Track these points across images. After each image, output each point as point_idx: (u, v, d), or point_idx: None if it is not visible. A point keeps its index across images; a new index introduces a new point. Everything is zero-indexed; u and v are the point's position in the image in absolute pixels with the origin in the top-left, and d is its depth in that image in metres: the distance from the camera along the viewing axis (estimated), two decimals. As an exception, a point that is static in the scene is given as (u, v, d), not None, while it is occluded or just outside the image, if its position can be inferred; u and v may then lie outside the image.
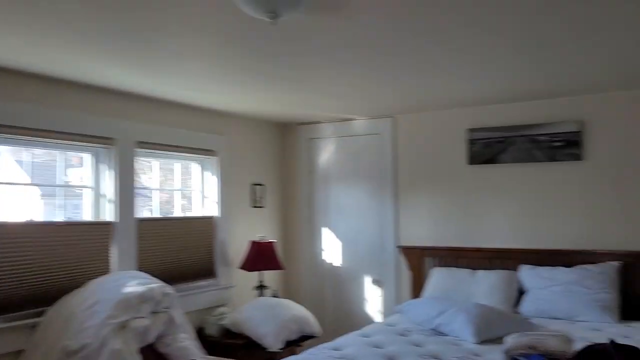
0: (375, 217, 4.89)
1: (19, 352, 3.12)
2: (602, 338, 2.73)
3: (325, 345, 3.29)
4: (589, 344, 1.97)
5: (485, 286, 4.01)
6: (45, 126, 3.32)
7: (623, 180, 3.86)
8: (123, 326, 3.10)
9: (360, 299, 4.95)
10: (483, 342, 3.18)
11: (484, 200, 4.42)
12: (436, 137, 4.64)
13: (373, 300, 4.89)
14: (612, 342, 1.93)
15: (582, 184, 4.05)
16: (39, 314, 3.22)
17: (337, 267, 5.07)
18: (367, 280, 4.92)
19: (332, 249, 5.11)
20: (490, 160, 4.34)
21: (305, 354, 3.10)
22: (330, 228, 5.12)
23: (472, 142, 4.42)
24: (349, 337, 3.46)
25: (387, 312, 4.71)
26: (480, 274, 4.15)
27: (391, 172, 4.80)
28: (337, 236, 5.08)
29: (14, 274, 3.14)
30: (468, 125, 4.46)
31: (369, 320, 4.75)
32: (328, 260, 5.12)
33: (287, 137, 5.37)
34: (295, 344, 4.18)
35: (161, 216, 4.32)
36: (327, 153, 5.17)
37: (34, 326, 3.17)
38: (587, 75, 3.49)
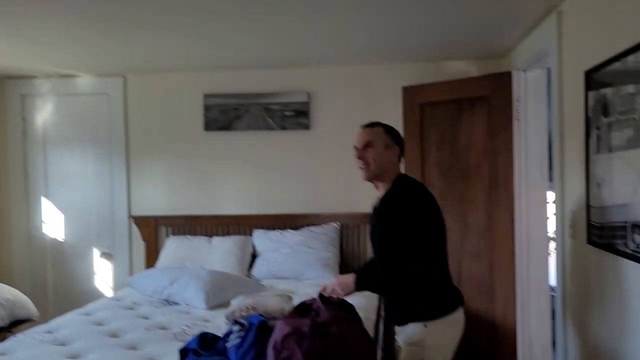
0: (105, 185, 4.49)
1: None
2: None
3: (38, 328, 2.90)
4: (303, 300, 2.07)
5: (220, 252, 4.03)
6: None
7: (343, 149, 4.23)
8: None
9: (88, 275, 4.53)
10: (214, 307, 3.18)
11: (219, 167, 4.42)
12: (172, 101, 4.44)
13: (103, 275, 4.52)
14: (321, 295, 2.06)
15: (309, 152, 4.34)
16: None
17: (60, 241, 4.54)
18: (96, 254, 4.52)
19: (54, 221, 4.54)
20: (226, 127, 4.34)
21: (10, 340, 2.68)
22: (51, 198, 4.54)
23: (207, 107, 4.35)
24: (67, 316, 3.11)
25: (119, 286, 4.41)
26: (216, 240, 4.15)
27: (122, 136, 4.45)
28: (60, 207, 4.53)
29: None
30: (204, 91, 4.36)
31: (98, 297, 4.38)
32: (49, 234, 4.54)
33: (-6, 93, 4.55)
34: (5, 330, 3.61)
35: None
36: (45, 113, 4.53)
37: None
38: (314, 48, 3.71)
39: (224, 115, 4.33)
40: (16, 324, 3.71)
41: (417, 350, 2.10)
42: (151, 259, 4.35)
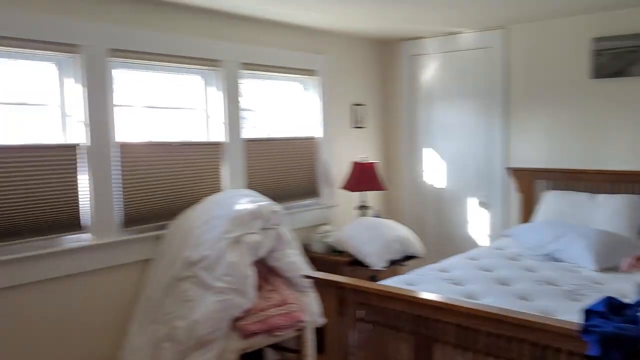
0: (483, 137, 4.66)
1: (147, 261, 3.39)
2: None
3: (432, 266, 3.27)
4: None
5: (606, 211, 3.74)
6: (162, 50, 3.40)
7: None
8: (237, 240, 3.25)
9: (464, 222, 4.84)
10: (604, 270, 3.01)
11: (608, 118, 4.04)
12: (554, 50, 4.24)
13: (478, 224, 4.77)
14: None
15: None
16: (162, 227, 3.45)
17: (441, 188, 4.96)
18: (472, 203, 4.78)
19: (435, 170, 4.99)
20: (619, 72, 3.92)
21: (413, 273, 3.11)
22: (433, 149, 4.97)
23: (597, 53, 3.99)
24: (455, 259, 3.42)
25: (494, 236, 4.59)
26: (601, 198, 3.86)
27: (501, 89, 4.50)
28: (441, 157, 4.93)
29: (141, 190, 3.36)
30: (593, 34, 4.01)
31: (473, 244, 4.66)
32: (430, 182, 5.01)
33: (388, 55, 5.17)
34: (398, 263, 4.21)
35: (266, 137, 4.38)
36: (431, 70, 4.93)
37: (158, 238, 3.42)
38: None
39: (617, 59, 3.91)
40: (406, 259, 4.28)
41: None
42: (527, 212, 4.36)
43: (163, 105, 3.83)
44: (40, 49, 2.92)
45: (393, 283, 2.82)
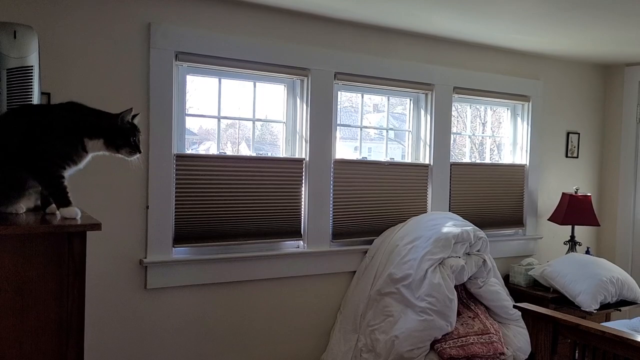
0: None
1: (352, 273, 3.57)
2: None
3: (662, 314, 2.92)
4: None
5: None
6: (378, 74, 3.60)
7: None
8: (441, 263, 3.26)
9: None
10: None
11: None
12: None
13: None
14: None
15: None
16: (368, 242, 3.61)
17: (667, 230, 4.40)
18: None
19: (660, 209, 4.44)
20: None
21: (638, 319, 2.81)
22: (660, 185, 4.44)
23: None
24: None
25: None
26: None
27: None
28: (670, 195, 4.38)
29: (350, 205, 3.57)
30: None
31: None
32: (655, 222, 4.48)
33: (610, 80, 4.77)
34: (611, 307, 3.83)
35: (473, 161, 4.34)
36: (664, 97, 4.43)
37: (364, 252, 3.58)
38: None
39: None
40: (621, 304, 3.86)
41: None
42: None
43: (374, 125, 4.03)
44: (275, 72, 3.28)
45: (616, 327, 2.58)
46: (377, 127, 4.07)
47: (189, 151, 3.20)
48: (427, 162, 3.89)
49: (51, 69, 2.59)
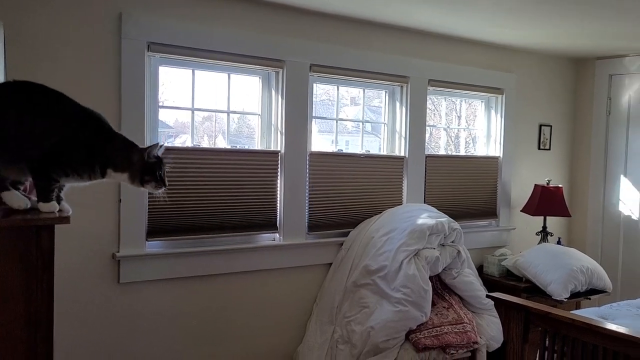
0: (693, 166, 4.15)
1: (328, 265, 3.58)
2: None
3: (629, 302, 3.01)
4: None
5: None
6: (354, 66, 3.60)
7: None
8: (416, 254, 3.29)
9: (662, 259, 4.34)
10: None
11: None
12: None
13: (680, 262, 4.25)
14: None
15: None
16: (344, 234, 3.63)
17: (634, 219, 4.51)
18: (674, 239, 4.27)
19: (629, 199, 4.54)
20: None
21: (607, 307, 2.88)
22: (628, 176, 4.54)
23: None
24: (657, 298, 3.09)
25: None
26: None
27: None
28: (636, 185, 4.49)
29: (325, 198, 3.57)
30: None
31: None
32: (624, 212, 4.58)
33: (581, 74, 4.85)
34: (581, 296, 3.92)
35: (448, 154, 4.38)
36: (631, 91, 4.52)
37: (340, 244, 3.60)
38: None
39: None
40: (590, 293, 3.95)
41: None
42: None
43: (349, 118, 4.04)
44: (249, 64, 3.26)
45: (585, 315, 2.64)
46: (352, 120, 4.08)
47: (166, 144, 3.16)
48: (402, 154, 3.91)
49: (20, 59, 2.53)
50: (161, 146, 1.54)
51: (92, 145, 1.45)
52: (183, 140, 3.37)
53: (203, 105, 3.32)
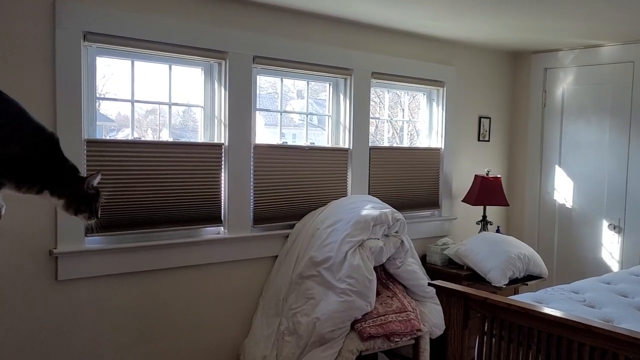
0: (619, 157, 4.38)
1: (274, 257, 3.58)
2: None
3: (563, 286, 3.14)
4: None
5: None
6: (298, 58, 3.59)
7: None
8: (360, 245, 3.33)
9: (593, 245, 4.57)
10: None
11: None
12: None
13: (609, 248, 4.48)
14: None
15: None
16: (289, 227, 3.63)
17: (568, 208, 4.72)
18: (604, 225, 4.50)
19: (563, 188, 4.76)
20: None
21: (542, 292, 3.00)
22: (562, 166, 4.75)
23: None
24: (586, 281, 3.25)
25: (629, 262, 4.28)
26: None
27: (645, 106, 4.21)
28: (570, 175, 4.70)
29: (270, 190, 3.56)
30: None
31: (603, 269, 4.38)
32: (556, 200, 4.79)
33: (519, 67, 5.03)
34: (519, 282, 4.07)
35: (391, 145, 4.45)
36: (565, 84, 4.72)
37: (285, 237, 3.60)
38: None
39: None
40: (528, 279, 4.12)
41: None
42: (667, 239, 4.03)
43: (294, 110, 4.04)
44: (191, 55, 3.20)
45: (522, 299, 2.74)
46: (297, 112, 4.07)
47: (106, 137, 3.07)
48: (346, 146, 3.94)
49: (-59, 48, 2.39)
50: (98, 173, 1.60)
51: (41, 166, 1.47)
52: (126, 135, 3.28)
53: (145, 97, 3.23)
